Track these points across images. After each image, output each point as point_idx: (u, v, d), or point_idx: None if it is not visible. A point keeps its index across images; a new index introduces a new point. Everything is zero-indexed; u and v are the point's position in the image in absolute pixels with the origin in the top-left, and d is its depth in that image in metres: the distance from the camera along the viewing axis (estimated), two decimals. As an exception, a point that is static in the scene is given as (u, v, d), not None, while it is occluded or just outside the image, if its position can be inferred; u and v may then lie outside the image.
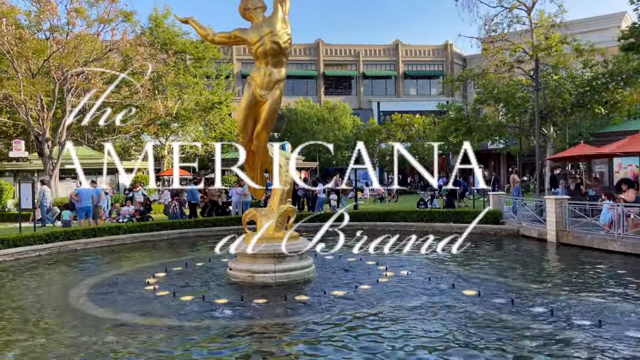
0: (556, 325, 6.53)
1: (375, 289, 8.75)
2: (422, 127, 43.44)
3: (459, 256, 12.64)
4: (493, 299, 7.96)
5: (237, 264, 9.82)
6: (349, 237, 16.67)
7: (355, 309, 7.44)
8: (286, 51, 9.66)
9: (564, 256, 12.44)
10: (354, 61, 53.74)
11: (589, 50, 21.97)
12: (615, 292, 8.48)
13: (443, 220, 17.98)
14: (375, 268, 10.67)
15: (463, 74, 26.98)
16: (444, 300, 7.92)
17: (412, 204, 24.32)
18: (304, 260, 9.99)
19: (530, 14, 22.98)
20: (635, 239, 12.14)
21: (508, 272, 10.53)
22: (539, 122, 19.72)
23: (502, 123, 25.06)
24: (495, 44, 23.93)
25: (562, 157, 20.61)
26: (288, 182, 10.35)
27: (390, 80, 54.46)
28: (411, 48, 54.64)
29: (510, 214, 17.50)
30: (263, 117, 9.56)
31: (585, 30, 37.19)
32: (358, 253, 12.84)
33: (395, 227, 18.28)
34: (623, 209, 12.60)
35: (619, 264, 11.05)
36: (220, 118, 36.56)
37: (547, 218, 14.64)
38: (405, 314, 7.21)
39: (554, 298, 8.04)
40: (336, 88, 54.08)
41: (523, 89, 22.98)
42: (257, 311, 7.52)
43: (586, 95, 20.53)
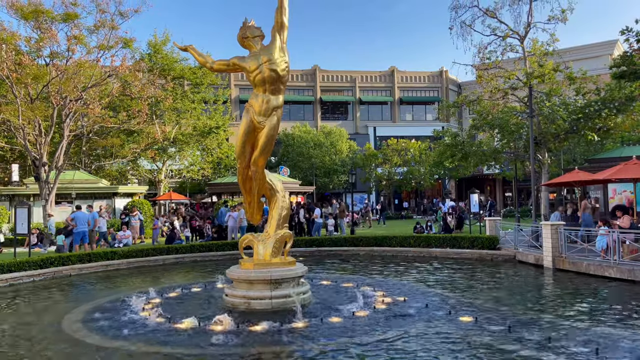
0: (552, 352, 6.51)
1: (371, 315, 8.70)
2: (417, 152, 43.71)
3: (456, 282, 12.62)
4: (489, 326, 7.93)
5: (233, 290, 9.77)
6: (345, 263, 16.64)
7: (351, 337, 7.40)
8: (284, 79, 9.82)
9: (560, 282, 12.43)
10: (350, 87, 54.36)
11: (581, 78, 22.34)
12: (612, 319, 8.46)
13: (439, 246, 17.98)
14: (372, 294, 10.62)
15: (458, 100, 27.29)
16: (441, 327, 7.88)
17: (408, 229, 24.32)
18: (301, 286, 9.95)
19: (523, 42, 23.44)
20: (631, 265, 12.16)
21: (505, 298, 10.50)
22: (533, 148, 19.90)
23: (497, 149, 25.25)
24: (489, 71, 24.30)
25: (557, 182, 20.75)
26: (285, 207, 10.39)
27: (386, 106, 55.00)
28: (407, 74, 55.38)
29: (507, 240, 17.52)
30: (260, 144, 9.65)
31: (578, 58, 37.87)
32: (355, 278, 12.81)
33: (392, 252, 18.28)
34: (619, 235, 12.66)
35: (616, 291, 11.05)
36: (218, 143, 36.74)
37: (544, 244, 14.67)
38: (402, 341, 7.17)
39: (549, 325, 8.02)
40: (333, 113, 54.55)
41: (517, 115, 23.25)
42: (253, 338, 7.46)
43: (579, 122, 20.79)
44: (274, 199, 10.36)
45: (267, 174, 10.34)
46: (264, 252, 9.92)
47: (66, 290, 12.60)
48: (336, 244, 19.54)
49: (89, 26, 25.55)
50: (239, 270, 9.87)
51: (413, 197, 51.89)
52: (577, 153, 30.86)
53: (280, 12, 9.81)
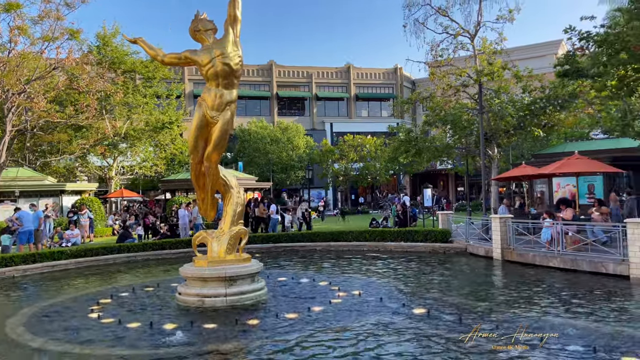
0: (502, 341, 6.74)
1: (328, 310, 8.75)
2: (373, 148, 44.26)
3: (410, 275, 12.87)
4: (441, 317, 8.14)
5: (186, 289, 9.60)
6: (302, 258, 16.66)
7: (308, 332, 7.41)
8: (237, 73, 9.70)
9: (508, 273, 12.89)
10: (306, 82, 54.35)
11: (527, 76, 23.21)
12: (555, 308, 8.85)
13: (394, 240, 18.27)
14: (328, 289, 10.69)
15: (412, 96, 27.82)
16: (395, 320, 8.02)
17: (364, 224, 24.60)
18: (256, 282, 9.89)
19: (474, 41, 24.11)
20: (574, 255, 12.75)
21: (456, 290, 10.80)
22: (483, 144, 20.54)
23: (450, 144, 25.89)
24: (441, 69, 24.86)
25: (506, 177, 21.49)
26: (240, 204, 10.29)
27: (343, 102, 55.34)
28: (362, 71, 55.87)
29: (458, 233, 18.00)
30: (214, 139, 9.50)
31: (525, 57, 39.30)
32: (312, 274, 12.85)
33: (348, 247, 18.44)
34: (562, 227, 13.24)
35: (559, 280, 11.56)
36: (171, 138, 35.92)
37: (493, 236, 15.16)
38: (357, 335, 7.24)
39: (499, 315, 8.30)
40: (289, 109, 54.40)
41: (468, 112, 23.92)
42: (207, 336, 7.36)
43: (526, 119, 21.62)
44: (229, 195, 10.24)
45: (221, 170, 10.21)
46: (219, 249, 9.79)
47: (9, 292, 12.02)
48: (293, 240, 19.51)
49: (32, 16, 24.38)
50: (192, 268, 9.71)
51: (369, 192, 52.53)
52: (525, 148, 32.06)
53: (234, 5, 9.68)
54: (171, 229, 21.14)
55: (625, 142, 19.76)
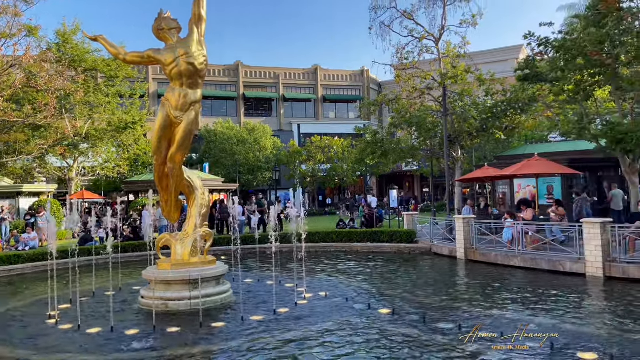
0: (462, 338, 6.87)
1: (294, 312, 8.73)
2: (340, 149, 44.46)
3: (376, 275, 12.98)
4: (406, 316, 8.23)
5: (149, 292, 9.41)
6: (269, 260, 16.57)
7: (273, 334, 7.38)
8: (202, 73, 9.59)
9: (471, 273, 13.16)
10: (274, 83, 54.14)
11: (489, 80, 23.78)
12: (515, 306, 9.09)
13: (361, 241, 18.40)
14: (295, 290, 10.66)
15: (378, 99, 28.09)
16: (360, 320, 8.07)
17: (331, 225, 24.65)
18: (222, 285, 9.79)
19: (438, 44, 24.55)
20: (533, 254, 13.13)
21: (420, 289, 10.95)
22: (447, 146, 20.94)
23: (415, 146, 26.25)
24: (407, 72, 25.20)
25: (469, 178, 21.95)
26: (205, 205, 10.16)
27: (310, 103, 55.37)
28: (330, 73, 56.06)
29: (423, 233, 18.27)
30: (178, 139, 9.36)
31: (488, 61, 40.26)
32: (278, 275, 12.78)
33: (315, 248, 18.43)
34: (522, 227, 13.62)
35: (519, 278, 11.87)
36: (135, 139, 35.11)
37: (457, 237, 15.45)
38: (322, 336, 7.25)
39: (461, 313, 8.47)
40: (256, 110, 54.06)
41: (433, 114, 24.32)
42: (170, 341, 7.23)
43: (488, 121, 22.16)
44: (193, 196, 10.10)
45: (186, 171, 10.06)
46: (183, 251, 9.65)
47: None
48: (260, 242, 19.37)
49: (-12, 13, 23.45)
50: (156, 271, 9.54)
51: (337, 193, 52.72)
52: (487, 150, 32.79)
53: (198, 4, 9.56)
54: (134, 231, 20.68)
55: (582, 144, 20.44)
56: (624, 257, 11.23)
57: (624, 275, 10.82)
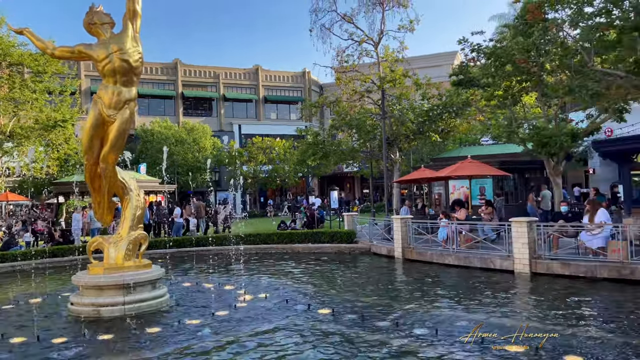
0: (399, 335, 7.05)
1: (233, 314, 8.62)
2: (282, 150, 44.38)
3: (316, 276, 13.06)
4: (345, 316, 8.34)
5: (80, 298, 8.98)
6: (208, 262, 16.27)
7: (210, 338, 7.25)
8: (137, 70, 9.28)
9: (408, 271, 13.53)
10: (214, 83, 53.21)
11: (426, 84, 24.59)
12: (448, 302, 9.44)
13: (302, 242, 18.45)
14: (234, 293, 10.53)
15: (319, 100, 28.31)
16: (300, 321, 8.08)
17: (272, 227, 24.57)
18: (158, 289, 9.49)
19: (377, 48, 25.08)
20: (467, 252, 13.68)
21: (359, 289, 11.13)
22: (386, 148, 21.44)
23: (355, 148, 26.67)
24: (347, 74, 25.57)
25: (407, 179, 22.59)
26: (139, 207, 9.83)
27: (251, 104, 54.88)
28: (271, 73, 55.82)
29: (363, 234, 18.58)
30: (111, 138, 9.00)
31: (424, 65, 41.57)
32: (217, 278, 12.59)
33: (255, 250, 18.31)
34: (456, 227, 14.16)
35: (453, 276, 12.33)
36: (65, 138, 33.35)
37: (394, 236, 15.82)
38: (261, 338, 7.21)
39: (398, 311, 8.68)
40: (196, 109, 52.91)
41: (372, 116, 24.82)
42: (102, 349, 6.93)
43: (425, 124, 22.92)
44: (127, 198, 9.74)
45: (119, 172, 9.69)
46: (116, 255, 9.28)
47: None
48: (199, 244, 19.02)
49: None
50: (87, 276, 9.12)
51: (278, 194, 52.56)
52: (424, 153, 33.85)
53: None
54: (64, 234, 19.68)
55: (511, 147, 21.53)
56: (548, 254, 11.93)
57: (548, 271, 11.48)
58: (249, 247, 18.58)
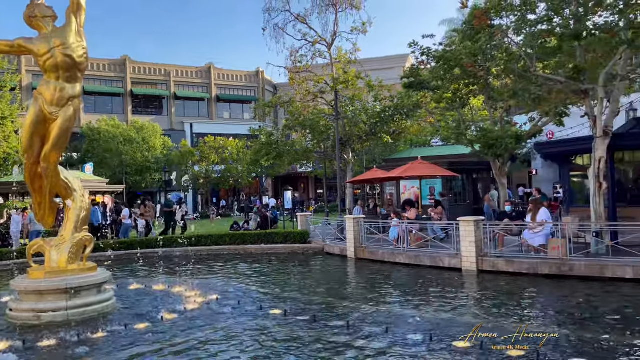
0: (350, 335, 7.12)
1: (183, 317, 8.44)
2: (235, 150, 43.91)
3: (269, 277, 13.00)
4: (297, 316, 8.33)
5: (19, 304, 8.55)
6: (158, 265, 15.88)
7: (159, 343, 7.06)
8: (81, 66, 8.92)
9: (360, 271, 13.68)
10: (164, 81, 51.93)
11: (378, 86, 24.95)
12: (399, 301, 9.62)
13: (255, 243, 18.30)
14: (185, 295, 10.31)
15: (272, 100, 28.21)
16: (251, 322, 8.01)
17: (225, 228, 24.26)
18: (103, 293, 9.17)
19: (330, 49, 25.24)
20: (417, 251, 13.98)
21: (312, 289, 11.17)
22: (339, 148, 21.62)
23: (309, 148, 26.74)
24: (300, 75, 25.60)
25: (360, 180, 22.86)
26: (84, 208, 9.46)
27: (204, 103, 53.94)
28: (224, 72, 55.08)
29: (316, 234, 18.65)
30: (53, 137, 8.60)
31: (377, 68, 42.14)
32: (167, 280, 12.29)
33: (207, 252, 18.02)
34: (407, 226, 14.44)
35: (404, 275, 12.57)
36: (4, 136, 31.71)
37: (347, 236, 15.96)
38: (211, 340, 7.09)
39: (350, 310, 8.76)
40: (145, 107, 51.48)
41: (325, 117, 24.96)
42: (43, 356, 6.62)
43: (377, 126, 23.28)
44: (72, 198, 9.35)
45: (62, 171, 9.29)
46: (59, 258, 8.89)
47: None
48: (148, 246, 18.51)
49: None
50: (26, 280, 8.69)
51: (231, 195, 51.94)
52: (377, 153, 34.37)
53: (77, -9, 8.88)
54: (2, 237, 18.70)
55: (459, 149, 22.23)
56: (494, 252, 12.37)
57: (494, 269, 11.90)
58: (200, 248, 18.26)
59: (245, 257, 16.96)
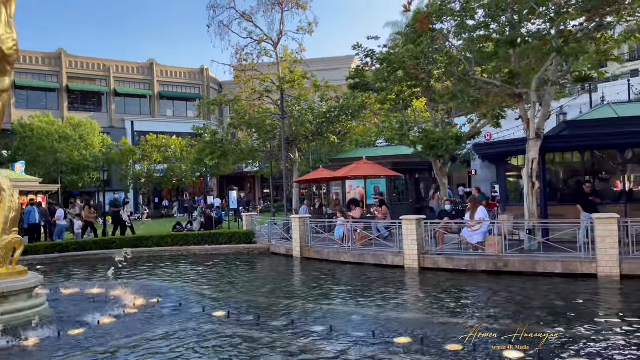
0: (294, 334, 7.12)
1: (121, 321, 8.14)
2: (179, 148, 42.90)
3: (213, 278, 12.79)
4: (241, 317, 8.25)
5: (-61, 312, 7.95)
6: (95, 268, 15.26)
7: (94, 348, 6.78)
8: (11, 58, 8.43)
9: (305, 270, 13.72)
10: (104, 76, 49.92)
11: (324, 86, 25.12)
12: (343, 299, 9.72)
13: (198, 243, 17.96)
14: (124, 298, 9.95)
15: (217, 98, 27.74)
16: (193, 324, 7.85)
17: (167, 229, 23.65)
18: (35, 298, 8.70)
19: (277, 48, 25.15)
20: (361, 250, 14.18)
21: (256, 289, 11.09)
22: (285, 148, 21.60)
23: (255, 147, 26.53)
24: (246, 73, 25.36)
25: (306, 179, 22.92)
26: (13, 209, 8.93)
27: (145, 100, 52.31)
28: (167, 69, 53.66)
29: (262, 234, 18.53)
30: (-21, 133, 8.08)
31: (323, 68, 42.38)
32: (105, 283, 11.83)
33: (148, 253, 17.51)
34: (352, 225, 14.62)
35: (349, 273, 12.72)
36: None
37: (293, 236, 15.96)
38: (150, 344, 6.89)
39: (295, 309, 8.77)
40: (83, 103, 49.29)
41: (272, 116, 24.86)
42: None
43: (323, 125, 23.44)
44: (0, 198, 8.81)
45: (-11, 170, 8.73)
46: (-17, 262, 8.35)
47: None
48: (84, 248, 17.75)
49: None
50: (-55, 286, 8.10)
51: (175, 194, 50.67)
52: (323, 153, 34.59)
53: (7, -20, 8.38)
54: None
55: (403, 149, 22.73)
56: (435, 250, 12.75)
57: (435, 266, 12.27)
58: (140, 250, 17.70)
59: (189, 258, 16.61)
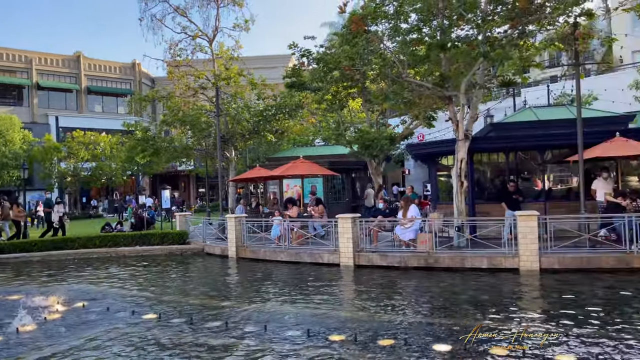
0: (229, 335, 7.00)
1: (43, 328, 7.67)
2: (108, 146, 41.07)
3: (144, 280, 12.34)
4: (173, 319, 8.01)
5: None
6: (13, 272, 14.29)
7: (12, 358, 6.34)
8: None
9: (241, 270, 13.55)
10: (25, 68, 46.81)
11: (261, 84, 24.89)
12: (278, 298, 9.69)
13: (129, 245, 17.28)
14: (46, 304, 9.38)
15: (149, 94, 26.75)
16: (122, 328, 7.53)
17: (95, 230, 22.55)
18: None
19: (212, 45, 24.61)
20: (298, 249, 14.19)
21: (190, 291, 10.81)
22: (220, 146, 21.21)
23: (189, 145, 25.86)
24: (180, 69, 24.65)
25: (242, 178, 22.62)
26: None
27: (72, 94, 49.59)
28: (95, 62, 51.16)
29: (196, 234, 18.10)
30: None
31: (260, 66, 42.07)
32: (24, 289, 11.11)
33: (74, 256, 16.64)
34: (289, 224, 14.60)
35: (284, 272, 12.69)
36: None
37: (228, 235, 15.71)
38: (73, 352, 6.53)
39: (229, 310, 8.63)
40: (2, 97, 46.01)
41: (207, 114, 24.33)
42: None
43: (260, 124, 23.23)
44: None
45: None
46: None
47: None
48: (2, 251, 16.60)
49: None
50: None
51: (104, 194, 48.45)
52: (260, 152, 34.30)
53: None
54: None
55: (339, 149, 22.97)
56: (369, 247, 12.99)
57: (369, 263, 12.49)
58: (65, 252, 16.80)
59: (118, 260, 15.94)
